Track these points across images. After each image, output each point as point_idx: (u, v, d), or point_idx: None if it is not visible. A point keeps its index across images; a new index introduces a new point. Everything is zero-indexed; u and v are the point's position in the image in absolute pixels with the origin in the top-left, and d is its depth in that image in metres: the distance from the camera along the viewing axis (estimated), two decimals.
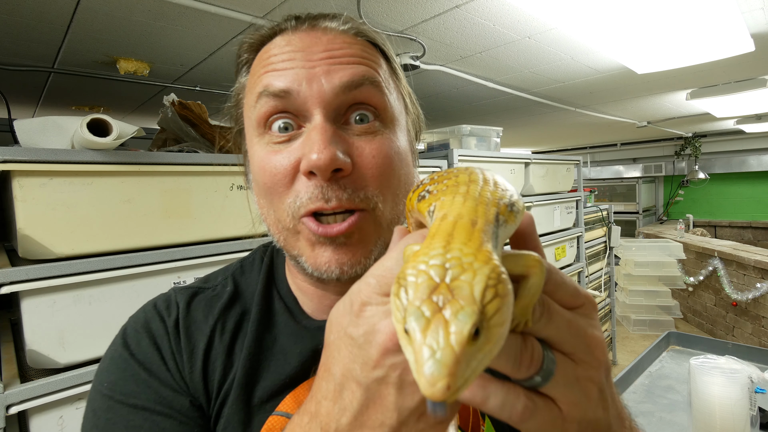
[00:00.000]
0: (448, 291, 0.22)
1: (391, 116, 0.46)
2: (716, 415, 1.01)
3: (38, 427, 0.98)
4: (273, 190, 0.43)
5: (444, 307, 0.21)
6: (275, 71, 0.43)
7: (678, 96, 3.22)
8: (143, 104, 2.82)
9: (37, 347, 0.99)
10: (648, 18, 1.57)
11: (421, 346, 0.21)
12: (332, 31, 0.45)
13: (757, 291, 3.50)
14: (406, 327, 0.22)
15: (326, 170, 0.40)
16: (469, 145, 2.37)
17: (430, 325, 0.21)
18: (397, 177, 0.45)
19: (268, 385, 0.46)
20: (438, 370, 0.20)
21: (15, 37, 1.61)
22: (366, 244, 0.44)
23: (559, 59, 2.16)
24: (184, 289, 0.53)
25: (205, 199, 1.25)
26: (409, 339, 0.22)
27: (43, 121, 1.05)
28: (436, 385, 0.20)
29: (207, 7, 1.42)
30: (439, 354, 0.20)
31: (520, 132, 4.94)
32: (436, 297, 0.22)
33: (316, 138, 0.40)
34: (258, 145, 0.45)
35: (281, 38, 0.45)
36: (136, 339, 0.48)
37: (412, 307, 0.22)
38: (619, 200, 6.58)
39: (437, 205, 0.29)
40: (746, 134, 5.39)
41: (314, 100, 0.42)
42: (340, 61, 0.43)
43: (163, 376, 0.45)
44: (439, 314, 0.21)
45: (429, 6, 1.51)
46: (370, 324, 0.28)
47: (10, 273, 0.94)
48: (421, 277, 0.23)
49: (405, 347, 0.23)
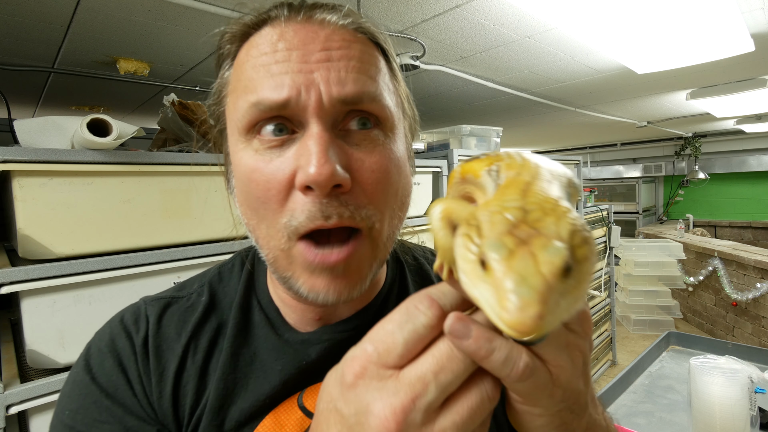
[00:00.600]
0: (531, 228, 0.20)
1: (391, 125, 0.42)
2: (716, 415, 1.01)
3: (38, 427, 0.98)
4: (265, 206, 0.39)
5: (529, 241, 0.19)
6: (269, 76, 0.38)
7: (678, 96, 3.22)
8: (143, 104, 2.82)
9: (37, 347, 0.99)
10: (648, 18, 1.57)
11: (507, 274, 0.19)
12: (330, 24, 0.40)
13: (757, 291, 3.49)
14: (483, 258, 0.20)
15: (326, 186, 0.36)
16: (469, 145, 2.37)
17: (516, 255, 0.19)
18: (394, 192, 0.42)
19: (245, 406, 0.42)
20: (530, 294, 0.18)
21: (15, 37, 1.61)
22: (362, 270, 0.41)
23: (559, 59, 2.16)
24: (156, 300, 0.48)
25: (205, 199, 1.25)
26: (485, 273, 0.20)
27: (43, 121, 1.05)
28: (527, 311, 0.18)
29: (207, 7, 1.42)
30: (531, 281, 0.18)
31: (520, 132, 4.94)
32: (518, 232, 0.20)
33: (313, 149, 0.36)
34: (244, 151, 0.39)
35: (271, 30, 0.40)
36: (99, 360, 0.44)
37: (490, 239, 0.20)
38: (619, 200, 6.58)
39: (503, 166, 0.26)
40: (746, 134, 5.39)
41: (312, 110, 0.37)
42: (339, 66, 0.38)
43: (128, 402, 0.42)
44: (525, 247, 0.19)
45: (429, 6, 1.51)
46: (363, 403, 0.25)
47: (10, 273, 0.94)
48: (498, 216, 0.21)
49: (476, 286, 0.20)
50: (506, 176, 0.26)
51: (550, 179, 0.25)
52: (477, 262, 0.21)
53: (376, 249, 0.41)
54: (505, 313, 0.19)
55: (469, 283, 0.21)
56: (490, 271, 0.20)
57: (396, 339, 0.25)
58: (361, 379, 0.25)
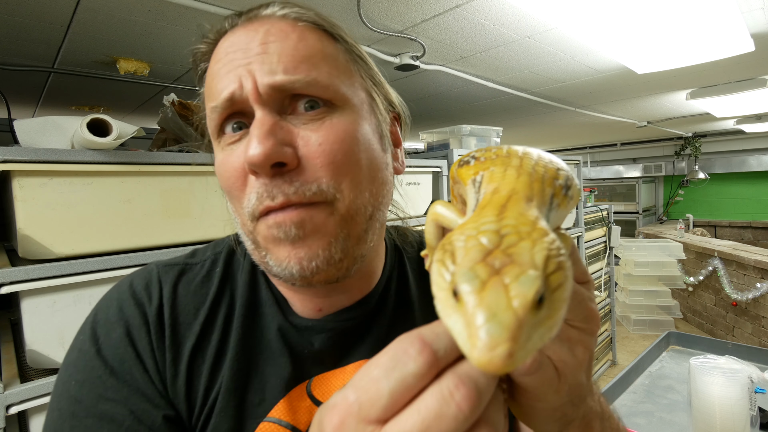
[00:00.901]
0: (505, 256, 0.19)
1: (342, 100, 0.41)
2: (716, 415, 1.01)
3: (38, 427, 0.98)
4: (231, 194, 0.41)
5: (502, 270, 0.19)
6: (219, 79, 0.40)
7: (678, 96, 3.22)
8: (143, 104, 2.82)
9: (37, 347, 0.99)
10: (648, 18, 1.57)
11: (477, 308, 0.18)
12: (270, 18, 0.42)
13: (757, 291, 3.50)
14: (455, 289, 0.19)
15: (264, 166, 0.37)
16: (469, 145, 2.37)
17: (487, 287, 0.19)
18: (355, 162, 0.41)
19: (259, 389, 0.42)
20: (499, 332, 0.17)
21: (15, 37, 1.61)
22: (322, 236, 0.39)
23: (559, 59, 2.16)
24: (169, 265, 0.47)
25: (205, 199, 1.25)
26: (458, 304, 0.19)
27: (43, 121, 1.05)
28: (495, 350, 0.17)
29: (207, 7, 1.41)
30: (500, 317, 0.18)
31: (520, 132, 4.94)
32: (491, 260, 0.19)
33: (253, 133, 0.38)
34: (216, 151, 0.43)
35: (224, 40, 0.43)
36: (105, 329, 0.42)
37: (463, 269, 0.19)
38: (619, 200, 6.58)
39: (486, 176, 0.26)
40: (746, 134, 5.39)
41: (252, 99, 0.39)
42: (271, 57, 0.39)
43: (134, 381, 0.40)
44: (497, 277, 0.19)
45: (429, 6, 1.51)
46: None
47: (10, 273, 0.94)
48: (472, 241, 0.20)
49: (449, 316, 0.20)
50: (485, 191, 0.25)
51: (534, 191, 0.24)
52: (450, 291, 0.20)
53: (341, 220, 0.40)
54: (474, 350, 0.18)
55: (443, 312, 0.21)
56: (461, 303, 0.19)
57: (380, 389, 0.22)
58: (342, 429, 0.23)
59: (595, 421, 0.34)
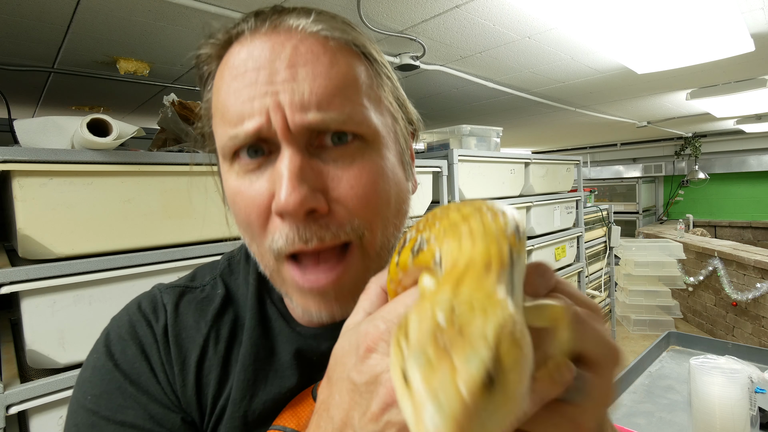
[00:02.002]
0: (456, 333, 0.18)
1: (374, 133, 0.40)
2: (716, 415, 1.01)
3: (38, 427, 0.98)
4: (249, 228, 0.40)
5: (451, 349, 0.18)
6: (240, 103, 0.37)
7: (678, 96, 3.22)
8: (143, 104, 2.82)
9: (37, 347, 0.99)
10: (648, 18, 1.57)
11: (423, 395, 0.18)
12: (298, 33, 0.38)
13: (757, 291, 3.49)
14: (405, 370, 0.19)
15: (296, 214, 0.36)
16: (469, 145, 2.37)
17: (436, 369, 0.18)
18: (385, 202, 0.40)
19: (266, 398, 0.43)
20: (442, 422, 0.17)
21: (15, 37, 1.61)
22: (356, 289, 0.38)
23: (559, 59, 2.16)
24: (171, 288, 0.48)
25: (205, 199, 1.25)
26: (408, 386, 0.19)
27: (43, 121, 1.05)
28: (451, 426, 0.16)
29: (207, 7, 1.42)
30: (445, 403, 0.17)
31: (520, 132, 4.94)
32: (442, 339, 0.18)
33: (283, 174, 0.36)
34: (229, 173, 0.40)
35: (240, 47, 0.39)
36: (121, 347, 0.44)
37: (413, 350, 0.19)
38: (619, 200, 6.58)
39: (443, 253, 0.25)
40: (746, 134, 5.39)
41: (281, 134, 0.36)
42: (303, 87, 0.36)
43: (152, 389, 0.42)
44: (446, 358, 0.18)
45: (429, 6, 1.51)
46: (374, 373, 0.27)
47: (10, 273, 0.94)
48: (426, 320, 0.20)
49: (402, 398, 0.19)
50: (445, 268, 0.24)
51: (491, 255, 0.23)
52: (402, 377, 0.19)
53: (369, 260, 0.40)
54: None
55: (398, 394, 0.20)
56: (410, 388, 0.18)
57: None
58: (373, 352, 0.27)
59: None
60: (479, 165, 2.24)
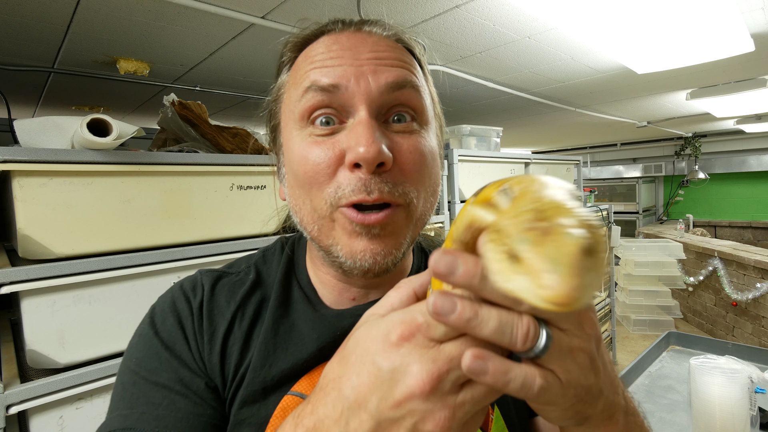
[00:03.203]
0: (549, 223, 0.22)
1: (426, 118, 0.48)
2: (716, 415, 1.01)
3: (38, 427, 0.98)
4: (314, 179, 0.44)
5: (551, 231, 0.22)
6: (324, 68, 0.44)
7: (678, 96, 3.22)
8: (143, 104, 2.82)
9: (37, 347, 0.99)
10: (648, 18, 1.57)
11: (540, 258, 0.21)
12: (376, 35, 0.48)
13: (757, 291, 3.49)
14: (513, 253, 0.22)
15: (372, 163, 0.41)
16: (469, 145, 2.37)
17: (543, 243, 0.22)
18: (429, 174, 0.47)
19: (285, 367, 0.47)
20: (564, 270, 0.21)
21: (15, 37, 1.61)
22: (398, 236, 0.45)
23: (559, 59, 2.16)
24: (210, 272, 0.55)
25: (205, 199, 1.25)
26: (517, 264, 0.22)
27: (43, 121, 1.05)
28: (564, 285, 0.21)
29: (207, 7, 1.41)
30: (561, 261, 0.21)
31: (520, 132, 4.94)
32: (539, 226, 0.22)
33: (362, 132, 0.41)
34: (299, 137, 0.46)
35: (328, 38, 0.47)
36: (162, 318, 0.50)
37: (516, 236, 0.23)
38: (619, 200, 6.58)
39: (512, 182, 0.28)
40: (746, 134, 5.39)
41: (360, 97, 0.43)
42: (384, 63, 0.45)
43: (184, 355, 0.47)
44: (548, 236, 0.22)
45: (429, 6, 1.51)
46: (404, 362, 0.28)
47: (10, 273, 0.94)
48: (517, 218, 0.23)
49: (510, 280, 0.23)
50: (518, 189, 0.27)
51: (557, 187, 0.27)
52: (507, 259, 0.23)
53: (411, 222, 0.46)
54: (545, 291, 0.21)
55: (503, 279, 0.23)
56: (522, 262, 0.22)
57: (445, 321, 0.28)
58: (407, 341, 0.28)
59: (619, 414, 0.36)
60: (479, 165, 2.24)
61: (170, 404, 0.44)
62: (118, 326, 1.09)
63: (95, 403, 1.05)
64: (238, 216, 1.31)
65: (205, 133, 1.40)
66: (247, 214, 1.33)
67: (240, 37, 1.71)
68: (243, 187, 1.32)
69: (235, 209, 1.31)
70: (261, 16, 1.51)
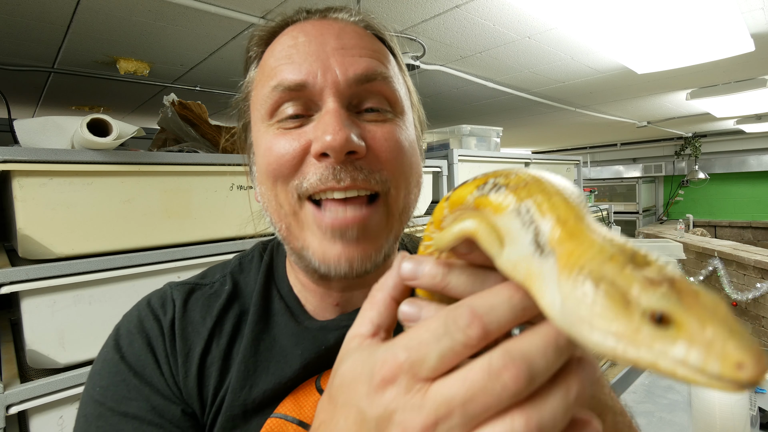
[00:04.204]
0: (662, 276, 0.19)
1: (401, 108, 0.46)
2: (716, 415, 1.01)
3: (38, 427, 0.98)
4: (278, 172, 0.42)
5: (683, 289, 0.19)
6: (290, 63, 0.42)
7: (678, 96, 3.22)
8: (143, 104, 2.82)
9: (37, 347, 0.99)
10: (648, 18, 1.57)
11: (709, 324, 0.17)
12: (342, 21, 0.46)
13: (757, 291, 3.49)
14: (660, 313, 0.18)
15: (341, 151, 0.39)
16: (469, 145, 2.37)
17: (694, 306, 0.18)
18: (408, 163, 0.45)
19: (267, 388, 0.43)
20: (746, 344, 0.17)
21: (15, 37, 1.61)
22: (377, 239, 0.42)
23: (559, 59, 2.16)
24: (181, 285, 0.50)
25: (205, 199, 1.25)
26: (665, 329, 0.18)
27: (43, 121, 1.05)
28: (759, 363, 0.16)
29: (207, 7, 1.41)
30: (734, 328, 0.17)
31: (520, 132, 4.94)
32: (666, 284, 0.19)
33: (329, 120, 0.40)
34: (266, 132, 0.44)
35: (293, 28, 0.45)
36: (128, 340, 0.46)
37: (658, 292, 0.18)
38: (619, 200, 6.57)
39: (534, 206, 0.24)
40: (746, 134, 5.39)
41: (329, 90, 0.41)
42: (352, 53, 0.43)
43: (155, 381, 0.43)
44: (690, 296, 0.18)
45: (429, 6, 1.51)
46: (388, 409, 0.24)
47: (10, 273, 0.94)
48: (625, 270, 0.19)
49: (650, 346, 0.18)
50: (548, 222, 0.23)
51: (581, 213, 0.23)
52: (642, 321, 0.18)
53: (391, 219, 0.43)
54: (734, 368, 0.17)
55: (632, 343, 0.19)
56: (681, 327, 0.18)
57: (430, 352, 0.23)
58: (390, 385, 0.24)
59: (607, 414, 0.34)
60: (479, 165, 2.24)
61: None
62: None
63: None
64: (238, 216, 1.31)
65: (205, 133, 1.40)
66: (247, 215, 1.33)
67: (240, 37, 1.71)
68: (243, 187, 1.32)
69: (235, 209, 1.31)
70: (261, 16, 1.51)
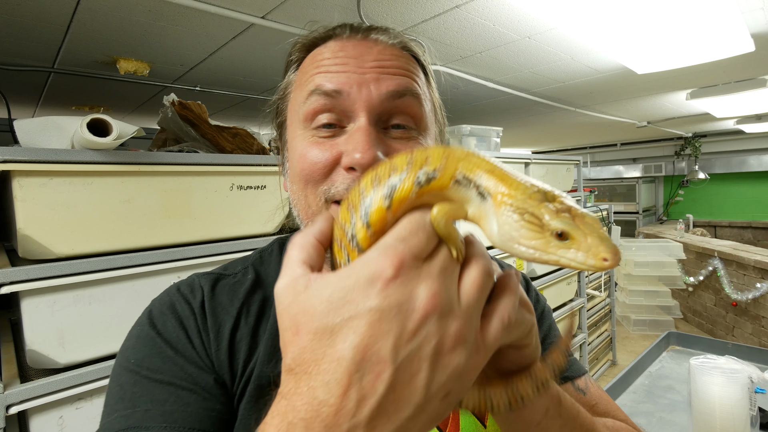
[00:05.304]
0: (562, 204, 0.29)
1: (426, 125, 0.50)
2: (716, 415, 1.01)
3: (38, 427, 0.98)
4: (310, 177, 0.47)
5: (575, 214, 0.29)
6: (329, 73, 0.47)
7: (678, 96, 3.22)
8: (143, 104, 2.82)
9: (37, 347, 0.99)
10: (648, 18, 1.57)
11: (592, 236, 0.28)
12: (382, 43, 0.50)
13: (757, 291, 3.50)
14: (562, 231, 0.28)
15: (367, 167, 0.42)
16: (469, 145, 2.37)
17: (582, 224, 0.28)
18: None
19: None
20: (612, 244, 0.28)
21: (15, 37, 1.61)
22: None
23: (559, 59, 2.16)
24: (207, 274, 0.55)
25: (205, 199, 1.25)
26: (567, 241, 0.28)
27: (43, 121, 1.05)
28: (618, 253, 0.27)
29: (207, 7, 1.41)
30: (604, 235, 0.28)
31: (520, 132, 4.94)
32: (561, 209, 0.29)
33: (360, 138, 0.44)
34: (302, 136, 0.48)
35: (335, 43, 0.50)
36: (162, 319, 0.49)
37: (558, 219, 0.28)
38: (619, 200, 6.58)
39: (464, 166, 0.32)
40: (746, 134, 5.39)
41: (362, 104, 0.45)
42: (388, 71, 0.47)
43: (189, 354, 0.47)
44: (578, 218, 0.29)
45: (429, 6, 1.51)
46: (407, 291, 0.27)
47: (10, 273, 0.94)
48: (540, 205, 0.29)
49: (555, 252, 0.28)
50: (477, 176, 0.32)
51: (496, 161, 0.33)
52: (550, 237, 0.28)
53: None
54: (602, 261, 0.27)
55: (545, 252, 0.29)
56: (573, 239, 0.28)
57: (420, 238, 0.29)
58: (402, 269, 0.27)
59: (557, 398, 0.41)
60: None
61: (177, 400, 0.43)
62: (117, 326, 1.09)
63: (95, 403, 1.05)
64: (238, 216, 1.31)
65: (205, 133, 1.40)
66: (247, 214, 1.33)
67: (240, 37, 1.71)
68: (243, 187, 1.32)
69: (235, 209, 1.31)
70: (261, 16, 1.51)
